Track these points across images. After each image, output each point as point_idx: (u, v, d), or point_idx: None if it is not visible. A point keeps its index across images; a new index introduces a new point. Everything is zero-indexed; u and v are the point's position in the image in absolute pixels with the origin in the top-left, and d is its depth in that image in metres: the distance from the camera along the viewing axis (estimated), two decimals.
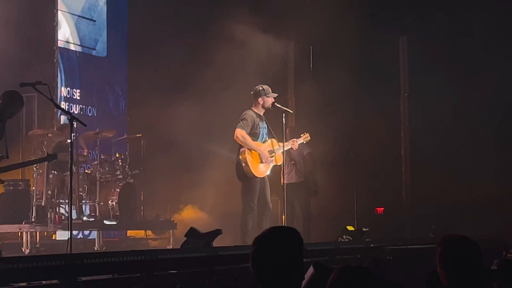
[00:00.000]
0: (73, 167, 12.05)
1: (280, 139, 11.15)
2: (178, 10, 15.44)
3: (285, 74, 16.14)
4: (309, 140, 11.76)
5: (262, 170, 10.94)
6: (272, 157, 11.03)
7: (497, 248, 8.78)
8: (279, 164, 11.18)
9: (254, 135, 10.93)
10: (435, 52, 14.82)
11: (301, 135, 11.73)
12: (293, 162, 13.08)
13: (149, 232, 14.39)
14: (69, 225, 8.97)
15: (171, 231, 13.86)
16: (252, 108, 11.10)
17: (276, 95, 11.17)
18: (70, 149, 9.14)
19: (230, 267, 7.81)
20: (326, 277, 5.27)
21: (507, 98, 14.39)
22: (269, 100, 11.06)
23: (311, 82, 15.52)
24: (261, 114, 11.11)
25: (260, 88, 11.09)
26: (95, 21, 16.01)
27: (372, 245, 10.43)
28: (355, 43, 14.70)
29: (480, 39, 14.58)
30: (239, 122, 10.92)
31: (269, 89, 11.12)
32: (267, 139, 11.13)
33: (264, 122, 11.14)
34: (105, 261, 6.75)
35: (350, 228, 11.53)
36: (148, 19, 15.71)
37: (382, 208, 15.02)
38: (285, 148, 11.16)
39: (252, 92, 11.16)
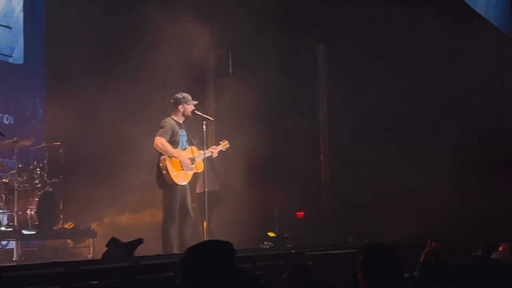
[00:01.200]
0: None
1: (200, 147, 11.19)
2: (96, 16, 15.29)
3: (205, 80, 16.16)
4: (228, 147, 11.80)
5: (183, 177, 10.95)
6: (192, 164, 11.05)
7: (418, 250, 8.93)
8: (199, 171, 11.20)
9: (173, 143, 10.92)
10: (355, 57, 15.01)
11: (220, 142, 11.78)
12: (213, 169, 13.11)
13: (68, 241, 14.23)
14: None
15: (91, 239, 13.74)
16: (172, 116, 11.12)
17: (196, 102, 11.23)
18: None
19: (152, 276, 7.80)
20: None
21: (426, 101, 14.68)
22: (189, 108, 11.10)
23: (231, 88, 15.58)
24: (181, 122, 11.13)
25: (180, 95, 11.13)
26: (11, 28, 15.76)
27: (293, 251, 10.54)
28: (274, 49, 14.79)
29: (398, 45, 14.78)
30: (158, 130, 10.92)
31: (189, 96, 11.16)
32: (187, 146, 11.14)
33: (184, 129, 11.15)
34: (27, 274, 6.69)
35: (271, 234, 11.65)
36: (65, 25, 15.53)
37: (302, 213, 15.14)
38: (205, 156, 11.19)
39: (172, 100, 11.17)
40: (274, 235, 11.76)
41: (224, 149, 11.76)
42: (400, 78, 14.47)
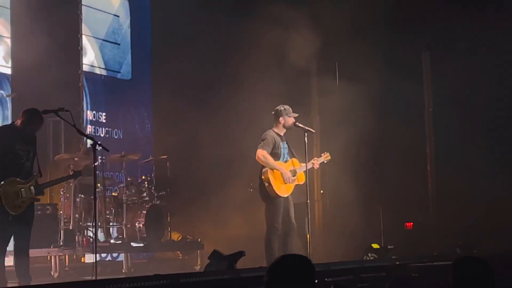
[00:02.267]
0: (100, 190, 12.33)
1: (302, 159, 11.17)
2: (201, 30, 15.50)
3: (308, 91, 16.16)
4: (329, 159, 11.73)
5: (285, 190, 10.96)
6: (294, 176, 11.05)
7: None
8: (301, 183, 11.18)
9: (275, 155, 10.94)
10: (459, 65, 14.74)
11: (322, 154, 11.73)
12: None
13: (178, 253, 14.46)
14: (94, 249, 9.08)
15: (198, 251, 13.92)
16: (273, 128, 11.14)
17: (296, 115, 11.20)
18: (93, 172, 9.44)
19: None
20: None
21: None
22: (290, 120, 11.10)
23: (336, 98, 15.53)
24: (282, 134, 11.15)
25: (282, 108, 11.14)
26: (119, 44, 16.17)
27: (397, 263, 10.42)
28: (378, 59, 14.67)
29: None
30: (260, 142, 10.98)
31: (290, 109, 11.16)
32: (289, 159, 11.15)
33: (285, 142, 11.17)
34: (129, 286, 6.83)
35: (375, 246, 11.55)
36: (171, 41, 15.82)
37: (412, 223, 14.94)
38: (307, 168, 11.20)
39: (273, 112, 11.21)
40: (378, 246, 11.65)
41: (325, 161, 11.69)
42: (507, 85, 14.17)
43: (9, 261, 9.74)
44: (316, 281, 4.11)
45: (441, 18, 14.80)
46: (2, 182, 9.17)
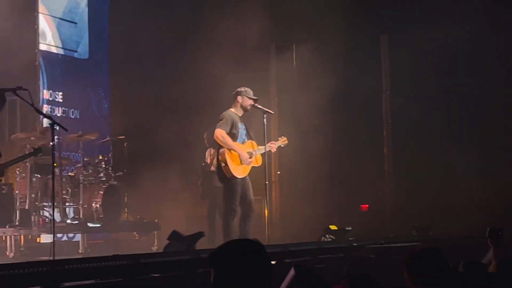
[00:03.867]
0: (56, 170, 12.20)
1: (260, 141, 11.18)
2: (160, 11, 15.42)
3: (267, 74, 16.18)
4: (287, 143, 11.75)
5: (241, 171, 10.94)
6: (251, 158, 11.05)
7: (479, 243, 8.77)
8: (258, 165, 11.19)
9: (233, 136, 10.91)
10: (416, 49, 14.84)
11: (279, 138, 11.75)
12: None
13: (134, 234, 14.40)
14: (52, 229, 9.02)
15: (155, 232, 13.89)
16: (231, 108, 11.12)
17: (256, 98, 11.15)
18: (51, 152, 9.34)
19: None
20: (307, 278, 5.33)
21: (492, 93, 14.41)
22: (248, 101, 11.07)
23: (293, 81, 15.59)
24: (240, 115, 11.12)
25: (242, 88, 11.12)
26: (76, 23, 16.00)
27: (354, 244, 10.49)
28: (336, 42, 14.71)
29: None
30: (218, 121, 10.95)
31: (251, 91, 11.13)
32: (246, 140, 11.14)
33: (243, 123, 11.14)
34: (88, 267, 6.79)
35: (333, 227, 11.61)
36: (129, 20, 15.70)
37: (367, 205, 15.05)
38: (263, 151, 11.20)
39: (233, 93, 11.19)
40: (336, 228, 11.71)
41: (282, 145, 11.68)
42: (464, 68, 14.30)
43: None
44: (273, 262, 3.92)
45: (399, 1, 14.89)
46: None
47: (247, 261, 3.63)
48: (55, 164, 9.82)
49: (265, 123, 11.08)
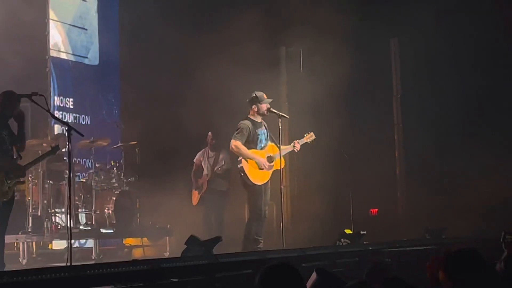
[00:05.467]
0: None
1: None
2: (170, 17, 15.41)
3: (277, 78, 16.15)
4: (314, 138, 11.69)
5: (261, 177, 10.99)
6: (271, 163, 11.04)
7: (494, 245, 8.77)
8: (282, 167, 11.21)
9: (251, 142, 10.98)
10: (427, 53, 14.83)
11: (305, 134, 11.68)
12: None
13: (145, 240, 14.39)
14: (69, 235, 8.98)
15: (167, 238, 13.87)
16: (249, 115, 11.15)
17: (270, 100, 11.17)
18: (68, 159, 9.31)
19: (231, 274, 7.83)
20: (329, 282, 5.32)
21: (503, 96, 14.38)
22: (264, 106, 11.07)
23: (303, 85, 15.56)
24: (258, 121, 11.12)
25: (254, 95, 11.11)
26: (86, 29, 16.01)
27: (370, 248, 10.47)
28: (347, 45, 14.70)
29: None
30: (235, 132, 10.98)
31: (264, 95, 11.13)
32: (267, 144, 11.15)
33: (263, 128, 11.15)
34: (107, 272, 6.77)
35: (348, 231, 11.58)
36: (139, 26, 15.71)
37: (376, 210, 15.03)
38: (287, 151, 11.27)
39: (247, 100, 11.19)
40: (351, 232, 11.68)
41: (309, 142, 11.63)
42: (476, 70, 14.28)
43: None
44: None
45: (410, 4, 14.84)
46: None
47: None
48: (66, 171, 9.80)
49: (280, 127, 11.07)
